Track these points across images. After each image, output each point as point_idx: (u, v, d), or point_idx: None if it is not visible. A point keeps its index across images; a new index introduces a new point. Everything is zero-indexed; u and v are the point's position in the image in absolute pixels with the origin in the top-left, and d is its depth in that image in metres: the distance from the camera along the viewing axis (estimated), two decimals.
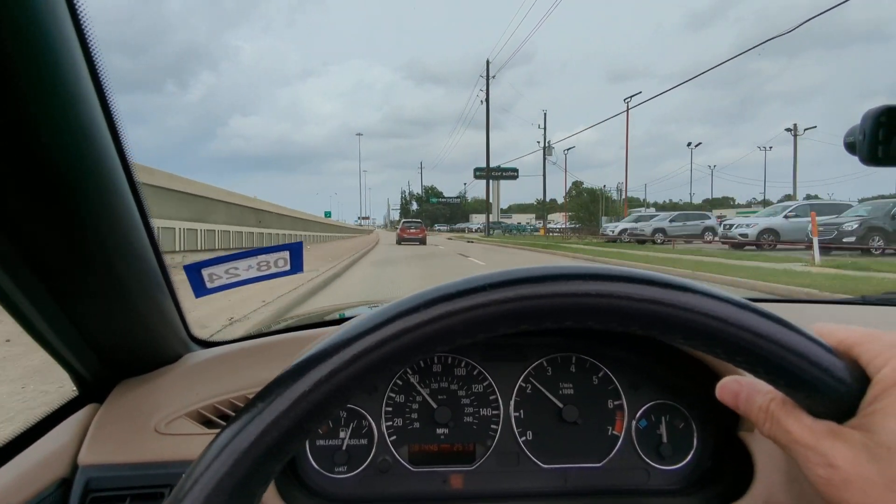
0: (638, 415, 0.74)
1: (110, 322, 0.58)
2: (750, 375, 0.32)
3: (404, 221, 30.37)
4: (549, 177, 45.19)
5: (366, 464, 0.71)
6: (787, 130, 43.55)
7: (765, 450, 0.63)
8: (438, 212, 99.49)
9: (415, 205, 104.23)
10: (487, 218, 45.37)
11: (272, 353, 0.73)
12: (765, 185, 70.61)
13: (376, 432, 0.72)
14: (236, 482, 0.28)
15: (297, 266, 0.67)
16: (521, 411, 0.74)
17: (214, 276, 0.63)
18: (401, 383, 0.74)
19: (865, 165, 0.63)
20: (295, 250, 0.66)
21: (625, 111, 31.70)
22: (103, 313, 0.57)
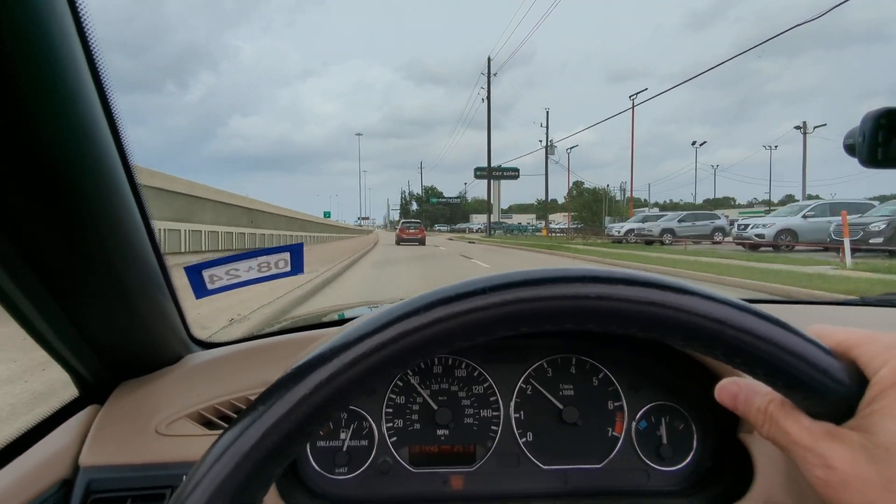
0: (638, 416, 0.74)
1: (110, 322, 0.59)
2: (749, 377, 0.32)
3: (403, 222, 30.29)
4: (549, 177, 45.20)
5: (366, 465, 0.71)
6: (796, 128, 42.77)
7: (764, 451, 0.63)
8: (438, 212, 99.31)
9: (415, 205, 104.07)
10: (489, 218, 45.27)
11: (272, 355, 0.73)
12: (770, 185, 70.02)
13: (377, 433, 0.72)
14: (237, 485, 0.28)
15: (297, 267, 0.67)
16: (522, 412, 0.74)
17: (215, 278, 0.63)
18: (401, 385, 0.74)
19: (865, 167, 0.63)
20: (296, 251, 0.66)
21: (629, 108, 31.29)
22: (103, 313, 0.57)
